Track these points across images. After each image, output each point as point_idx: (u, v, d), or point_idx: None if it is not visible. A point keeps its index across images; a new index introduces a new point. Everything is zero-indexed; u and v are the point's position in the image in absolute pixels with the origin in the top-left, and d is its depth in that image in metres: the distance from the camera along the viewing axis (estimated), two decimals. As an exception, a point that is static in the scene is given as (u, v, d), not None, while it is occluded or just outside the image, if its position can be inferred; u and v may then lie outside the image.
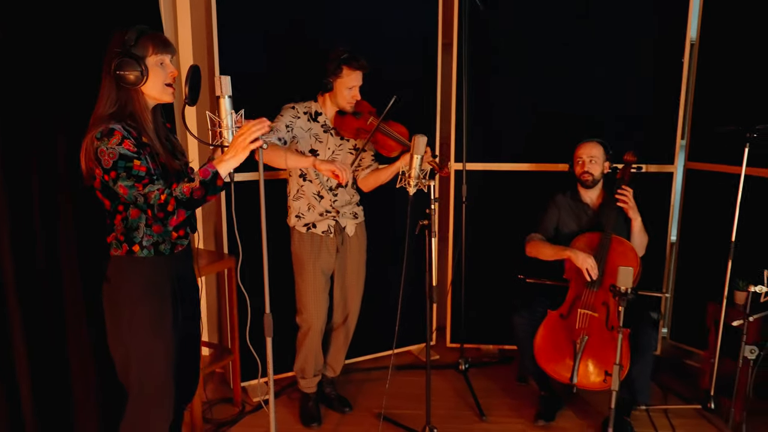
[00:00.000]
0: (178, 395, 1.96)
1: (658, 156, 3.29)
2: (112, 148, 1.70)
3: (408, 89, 3.06)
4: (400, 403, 2.95)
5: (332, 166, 2.35)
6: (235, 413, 2.88)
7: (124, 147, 1.71)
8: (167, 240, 1.86)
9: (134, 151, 1.73)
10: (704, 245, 3.30)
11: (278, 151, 2.41)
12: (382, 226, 3.10)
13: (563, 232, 2.92)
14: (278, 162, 2.42)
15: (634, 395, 2.67)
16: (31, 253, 2.11)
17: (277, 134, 2.47)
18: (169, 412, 1.94)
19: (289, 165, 2.44)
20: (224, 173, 1.76)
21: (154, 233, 1.83)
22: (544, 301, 2.85)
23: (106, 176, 1.72)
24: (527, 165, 3.31)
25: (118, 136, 1.71)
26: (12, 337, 2.06)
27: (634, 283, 2.73)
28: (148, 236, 1.82)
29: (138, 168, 1.73)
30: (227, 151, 1.77)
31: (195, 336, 2.08)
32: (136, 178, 1.72)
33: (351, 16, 2.97)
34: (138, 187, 1.72)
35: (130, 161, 1.72)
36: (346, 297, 2.81)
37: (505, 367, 3.36)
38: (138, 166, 1.73)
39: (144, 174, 1.73)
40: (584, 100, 3.23)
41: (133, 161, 1.72)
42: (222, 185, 1.76)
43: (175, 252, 1.90)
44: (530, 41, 3.20)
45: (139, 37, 1.75)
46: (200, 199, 1.74)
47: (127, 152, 1.72)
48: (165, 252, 1.86)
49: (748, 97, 3.05)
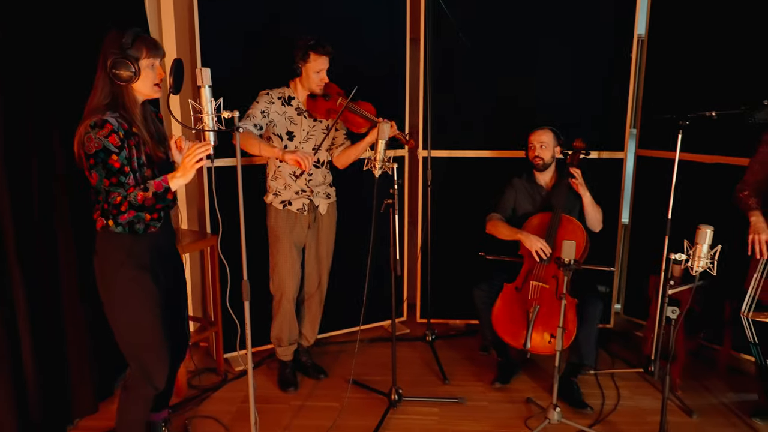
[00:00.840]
0: (171, 355, 2.19)
1: (610, 144, 3.56)
2: (99, 139, 1.92)
3: (379, 81, 3.31)
4: (370, 371, 3.21)
5: (295, 155, 2.58)
6: (218, 381, 3.12)
7: (110, 141, 1.93)
8: (141, 221, 2.07)
9: (117, 146, 1.94)
10: (654, 226, 3.57)
11: (253, 140, 2.64)
12: (355, 207, 3.34)
13: (520, 212, 3.18)
14: (253, 150, 2.66)
15: (581, 359, 2.95)
16: (30, 231, 2.33)
17: (252, 120, 2.71)
18: (164, 371, 2.16)
19: (262, 153, 2.69)
20: (174, 188, 2.00)
21: (127, 214, 2.02)
22: (501, 275, 3.12)
23: (85, 161, 1.94)
24: (488, 152, 3.57)
25: (108, 128, 1.93)
26: (16, 305, 2.27)
27: (582, 258, 3.01)
28: (123, 216, 2.00)
29: (113, 163, 1.94)
30: (178, 170, 2.01)
31: (181, 302, 2.31)
32: (108, 172, 1.93)
33: (324, 14, 3.20)
34: (105, 181, 1.93)
35: (108, 155, 1.93)
36: (316, 269, 3.05)
37: (470, 339, 3.62)
38: (113, 161, 1.94)
39: (116, 170, 1.94)
40: (541, 92, 3.49)
41: (111, 155, 1.93)
42: (171, 199, 2.01)
43: (149, 232, 2.10)
44: (490, 38, 3.45)
45: (134, 40, 1.97)
46: (150, 207, 1.99)
47: (110, 146, 1.93)
48: (139, 231, 2.07)
49: (693, 88, 3.31)
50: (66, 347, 2.55)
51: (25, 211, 2.30)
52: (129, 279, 2.04)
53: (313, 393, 3.02)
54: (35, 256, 2.35)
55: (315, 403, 2.91)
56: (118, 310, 2.06)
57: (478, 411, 2.85)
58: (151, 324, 2.10)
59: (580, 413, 2.81)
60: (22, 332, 2.30)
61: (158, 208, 2.02)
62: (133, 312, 2.07)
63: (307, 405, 2.90)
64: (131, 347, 2.12)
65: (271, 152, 2.66)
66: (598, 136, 3.51)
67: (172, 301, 2.22)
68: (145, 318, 2.08)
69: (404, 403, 2.87)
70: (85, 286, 2.56)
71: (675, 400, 2.93)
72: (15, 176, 2.24)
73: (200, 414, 2.81)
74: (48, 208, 2.40)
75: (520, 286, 3.02)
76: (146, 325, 2.09)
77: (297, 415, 2.82)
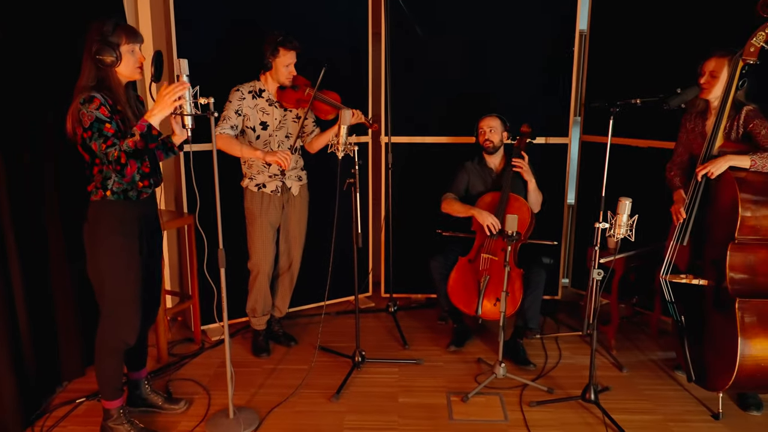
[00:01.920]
0: (143, 315, 2.44)
1: (556, 130, 3.89)
2: (91, 112, 2.17)
3: (344, 73, 3.58)
4: (337, 338, 3.49)
5: (275, 157, 2.89)
6: (196, 349, 3.38)
7: (100, 112, 2.19)
8: (134, 188, 2.34)
9: (107, 116, 2.20)
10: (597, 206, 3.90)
11: (233, 144, 2.96)
12: (322, 188, 3.60)
13: (473, 191, 3.49)
14: (234, 152, 2.96)
15: (526, 322, 3.27)
16: (23, 200, 2.55)
17: (229, 122, 2.98)
18: (136, 326, 2.41)
19: (243, 155, 2.98)
20: (155, 123, 2.21)
21: (123, 182, 2.31)
22: (456, 249, 3.42)
23: (85, 134, 2.19)
24: (444, 138, 3.88)
25: (97, 102, 2.18)
26: (11, 276, 2.50)
27: (528, 233, 3.33)
28: (118, 184, 2.29)
29: (107, 130, 2.19)
30: (154, 106, 2.22)
31: (157, 268, 2.57)
32: (105, 138, 2.18)
33: (291, 10, 3.45)
34: (102, 146, 2.17)
35: (102, 124, 2.19)
36: (290, 247, 3.32)
37: (429, 311, 3.94)
38: (108, 128, 2.19)
39: (110, 134, 2.19)
40: (492, 83, 3.80)
41: (105, 124, 2.19)
42: (157, 134, 2.22)
43: (141, 198, 2.37)
44: (446, 34, 3.74)
45: (115, 28, 2.21)
46: (143, 148, 2.20)
47: (101, 116, 2.19)
48: (132, 198, 2.34)
49: (629, 79, 3.65)
50: (55, 316, 2.78)
51: (17, 192, 2.52)
52: (118, 244, 2.30)
53: (285, 358, 3.29)
54: (27, 229, 2.57)
55: (286, 367, 3.19)
56: (104, 268, 2.31)
57: (434, 370, 3.16)
58: (131, 283, 2.35)
59: (524, 370, 3.14)
60: (17, 302, 2.52)
61: (152, 147, 2.24)
62: (117, 272, 2.32)
63: (279, 368, 3.18)
64: (110, 302, 2.36)
65: (252, 154, 2.94)
66: (545, 123, 3.84)
67: (150, 265, 2.48)
68: (127, 278, 2.34)
69: (367, 365, 3.17)
70: (72, 261, 2.79)
71: (609, 357, 3.28)
72: (10, 159, 2.46)
73: (180, 377, 3.07)
74: (37, 190, 2.63)
75: (473, 259, 3.33)
76: (126, 284, 2.34)
77: (270, 376, 3.09)
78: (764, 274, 2.55)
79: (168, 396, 2.80)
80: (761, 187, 2.51)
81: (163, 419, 2.69)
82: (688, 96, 2.71)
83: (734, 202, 2.50)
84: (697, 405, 2.83)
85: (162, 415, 2.72)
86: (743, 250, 2.54)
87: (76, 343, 2.89)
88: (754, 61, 2.55)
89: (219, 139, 2.93)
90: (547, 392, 2.92)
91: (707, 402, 2.83)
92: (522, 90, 3.81)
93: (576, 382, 2.99)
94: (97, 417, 2.61)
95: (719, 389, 2.60)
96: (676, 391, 2.95)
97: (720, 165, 2.56)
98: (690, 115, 2.88)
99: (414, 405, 2.83)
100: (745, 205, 2.48)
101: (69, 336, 2.85)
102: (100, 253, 2.31)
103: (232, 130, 2.99)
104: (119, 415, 2.48)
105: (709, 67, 2.69)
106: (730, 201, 2.53)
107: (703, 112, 2.81)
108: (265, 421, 2.68)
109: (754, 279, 2.56)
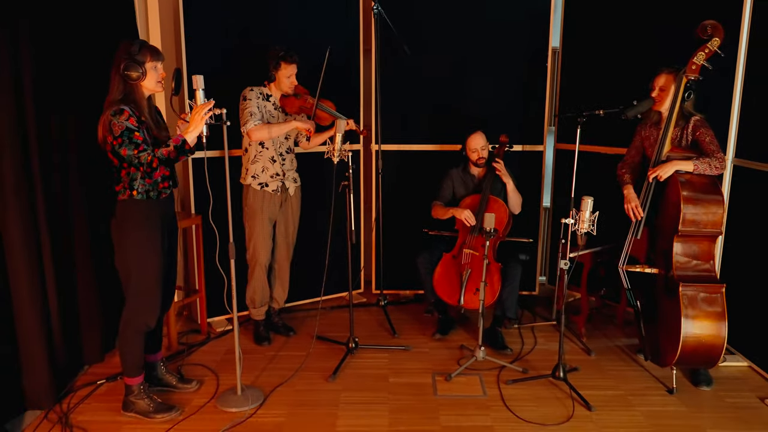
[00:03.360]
0: (162, 299, 2.76)
1: (532, 139, 4.26)
2: (121, 122, 2.50)
3: (338, 85, 3.92)
4: (332, 329, 3.82)
5: (306, 124, 3.35)
6: (203, 339, 3.69)
7: (130, 122, 2.51)
8: (155, 189, 2.67)
9: (136, 126, 2.53)
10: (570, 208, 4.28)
11: (271, 128, 3.32)
12: (320, 193, 3.94)
13: (456, 196, 3.83)
14: (273, 133, 3.33)
15: (504, 312, 3.61)
16: (53, 200, 2.86)
17: (255, 117, 3.31)
18: (156, 311, 2.74)
19: (281, 131, 3.37)
20: (190, 141, 2.56)
21: (146, 183, 2.63)
22: (440, 246, 3.77)
23: (115, 142, 2.51)
24: (430, 146, 4.23)
25: (126, 114, 2.51)
26: (45, 268, 2.80)
27: (505, 231, 3.68)
28: (142, 185, 2.62)
29: (137, 137, 2.52)
30: (189, 125, 2.58)
31: (173, 261, 2.89)
32: (135, 144, 2.51)
33: (293, 29, 3.80)
34: (134, 152, 2.50)
35: (132, 133, 2.51)
36: (285, 242, 3.64)
37: (417, 305, 4.27)
38: (137, 137, 2.52)
39: (140, 142, 2.52)
40: (474, 97, 4.16)
41: (134, 133, 2.52)
42: (189, 149, 2.57)
43: (161, 198, 2.70)
44: (432, 51, 4.11)
45: (141, 48, 2.55)
46: (174, 158, 2.55)
47: (131, 126, 2.51)
48: (153, 197, 2.66)
49: (598, 91, 4.01)
50: (78, 305, 3.08)
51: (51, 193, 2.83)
52: (144, 237, 2.62)
53: (284, 346, 3.61)
54: (57, 225, 2.88)
55: (286, 353, 3.50)
56: (131, 259, 2.63)
57: (420, 355, 3.49)
58: (154, 272, 2.67)
59: (502, 354, 3.48)
60: (50, 293, 2.81)
61: (180, 159, 2.56)
62: (142, 262, 2.64)
63: (279, 355, 3.49)
64: (134, 289, 2.68)
65: (288, 126, 3.36)
66: (522, 132, 4.20)
67: (168, 258, 2.80)
68: (150, 267, 2.66)
69: (360, 350, 3.49)
70: (95, 255, 3.10)
71: (579, 344, 3.63)
72: (44, 160, 2.78)
73: (190, 362, 3.37)
74: (65, 189, 2.94)
75: (456, 255, 3.67)
76: (150, 274, 2.67)
77: (271, 361, 3.40)
78: (704, 262, 2.92)
79: (181, 377, 3.11)
80: (701, 187, 2.88)
81: (178, 396, 3.00)
82: (642, 107, 3.08)
83: (678, 200, 2.87)
84: (654, 382, 3.17)
85: (176, 393, 3.02)
86: (686, 242, 2.91)
87: (96, 330, 3.18)
88: (696, 77, 2.93)
89: (256, 131, 3.27)
90: (522, 373, 3.25)
91: (664, 380, 3.18)
92: (500, 102, 4.18)
93: (549, 365, 3.32)
94: (115, 396, 2.93)
95: (668, 364, 2.96)
96: (637, 371, 3.30)
97: (667, 169, 2.93)
98: (645, 125, 3.25)
99: (402, 384, 3.15)
100: (687, 203, 2.85)
101: (91, 324, 3.15)
102: (127, 246, 2.63)
103: (261, 120, 3.34)
104: (140, 390, 2.79)
105: (659, 83, 3.07)
106: (675, 199, 2.90)
107: (658, 122, 3.18)
108: (270, 398, 2.99)
109: (696, 267, 2.92)
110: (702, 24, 2.90)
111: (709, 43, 2.89)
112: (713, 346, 2.85)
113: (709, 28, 2.90)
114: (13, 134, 2.54)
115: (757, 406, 2.95)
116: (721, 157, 2.93)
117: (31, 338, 2.68)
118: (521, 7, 4.07)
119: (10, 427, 2.64)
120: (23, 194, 2.60)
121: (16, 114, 2.56)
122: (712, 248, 2.96)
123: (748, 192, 3.27)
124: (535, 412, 2.89)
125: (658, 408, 2.93)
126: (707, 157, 2.92)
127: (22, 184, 2.60)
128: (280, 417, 2.83)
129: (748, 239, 3.26)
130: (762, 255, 3.16)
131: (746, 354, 3.34)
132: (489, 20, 4.09)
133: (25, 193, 2.61)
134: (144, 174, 2.60)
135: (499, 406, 2.94)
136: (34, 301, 2.68)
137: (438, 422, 2.80)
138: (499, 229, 3.60)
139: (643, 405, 2.95)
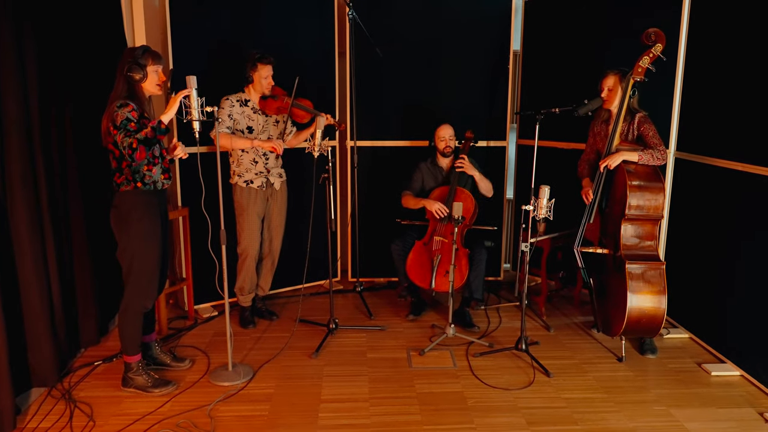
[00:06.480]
0: (158, 282, 3.00)
1: (496, 135, 4.59)
2: (124, 114, 2.73)
3: (314, 86, 4.19)
4: (313, 313, 4.08)
5: (270, 143, 3.54)
6: (191, 324, 3.91)
7: (131, 115, 2.74)
8: (158, 181, 2.90)
9: (135, 118, 2.76)
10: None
11: (234, 139, 3.56)
12: (301, 185, 4.19)
13: (426, 188, 4.14)
14: (236, 145, 3.57)
15: (471, 293, 3.93)
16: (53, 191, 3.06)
17: (224, 125, 3.55)
18: (154, 293, 2.98)
19: (244, 146, 3.60)
20: (165, 120, 2.74)
21: (152, 175, 2.87)
22: (413, 235, 4.07)
23: (115, 131, 2.73)
24: (401, 142, 4.53)
25: (130, 107, 2.75)
26: (47, 253, 3.00)
27: (472, 219, 4.00)
28: (148, 176, 2.85)
29: (131, 126, 2.74)
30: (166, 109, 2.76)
31: (167, 245, 3.12)
32: (127, 132, 2.73)
33: (269, 32, 4.06)
34: (125, 138, 2.72)
35: (129, 122, 2.74)
36: (272, 235, 3.89)
37: (390, 291, 4.57)
38: (132, 126, 2.74)
39: (132, 131, 2.74)
40: (442, 95, 4.48)
41: (131, 123, 2.74)
42: (164, 128, 2.74)
43: (162, 189, 2.94)
44: (402, 53, 4.40)
45: (143, 52, 2.78)
46: (153, 138, 2.72)
47: (130, 117, 2.74)
48: (158, 187, 2.90)
49: (555, 91, 4.37)
50: (76, 290, 3.28)
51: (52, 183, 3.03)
52: (148, 225, 2.86)
53: (269, 329, 3.86)
54: (57, 213, 3.08)
55: (271, 335, 3.76)
56: (135, 245, 2.86)
57: (395, 334, 3.78)
58: (154, 257, 2.91)
59: (470, 331, 3.80)
60: (52, 277, 3.01)
61: (159, 139, 2.75)
62: (143, 249, 2.87)
63: (264, 336, 3.74)
64: (136, 273, 2.90)
65: (250, 144, 3.57)
66: (487, 129, 4.53)
67: (163, 245, 3.03)
68: (152, 253, 2.89)
69: (340, 331, 3.77)
70: (90, 241, 3.31)
71: (540, 321, 3.97)
72: (46, 153, 2.98)
73: (181, 345, 3.60)
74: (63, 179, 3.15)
75: (427, 242, 3.98)
76: (150, 258, 2.90)
77: (258, 342, 3.65)
78: (648, 242, 3.29)
79: (174, 356, 3.33)
80: (645, 176, 3.24)
81: (173, 374, 3.23)
82: (593, 106, 3.43)
83: (624, 187, 3.23)
84: (606, 352, 3.53)
85: (170, 371, 3.25)
86: (632, 224, 3.27)
87: (92, 314, 3.39)
88: (642, 79, 3.29)
89: (221, 138, 3.49)
90: (488, 347, 3.57)
91: (614, 350, 3.54)
92: (467, 101, 4.50)
93: (513, 340, 3.65)
94: (114, 375, 3.16)
95: (616, 334, 3.32)
96: (591, 344, 3.65)
97: (615, 159, 3.28)
98: (597, 122, 3.61)
99: (380, 358, 3.44)
100: (632, 189, 3.21)
101: (87, 308, 3.35)
102: (131, 233, 2.85)
103: (228, 130, 3.57)
104: (138, 367, 3.02)
105: (607, 84, 3.43)
106: (622, 186, 3.26)
107: (607, 120, 3.54)
108: (259, 373, 3.25)
109: (640, 246, 3.29)
110: (646, 31, 3.26)
111: (653, 48, 3.25)
112: (655, 316, 3.21)
113: (653, 35, 3.26)
114: (20, 124, 2.73)
115: (694, 370, 3.33)
116: (663, 150, 3.29)
117: (36, 317, 2.88)
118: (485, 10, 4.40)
119: (17, 402, 2.84)
120: (29, 184, 2.80)
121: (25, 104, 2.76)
122: (654, 230, 3.33)
123: (687, 181, 3.66)
124: (500, 379, 3.21)
125: (608, 373, 3.28)
126: (651, 149, 3.28)
127: (29, 174, 2.79)
128: (269, 389, 3.09)
129: (689, 223, 3.65)
130: (701, 237, 3.55)
131: (687, 326, 3.73)
132: (459, 22, 4.40)
133: (30, 182, 2.81)
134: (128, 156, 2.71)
135: (468, 375, 3.25)
136: (39, 281, 2.88)
137: (413, 389, 3.10)
138: (467, 216, 3.92)
139: (595, 371, 3.30)
